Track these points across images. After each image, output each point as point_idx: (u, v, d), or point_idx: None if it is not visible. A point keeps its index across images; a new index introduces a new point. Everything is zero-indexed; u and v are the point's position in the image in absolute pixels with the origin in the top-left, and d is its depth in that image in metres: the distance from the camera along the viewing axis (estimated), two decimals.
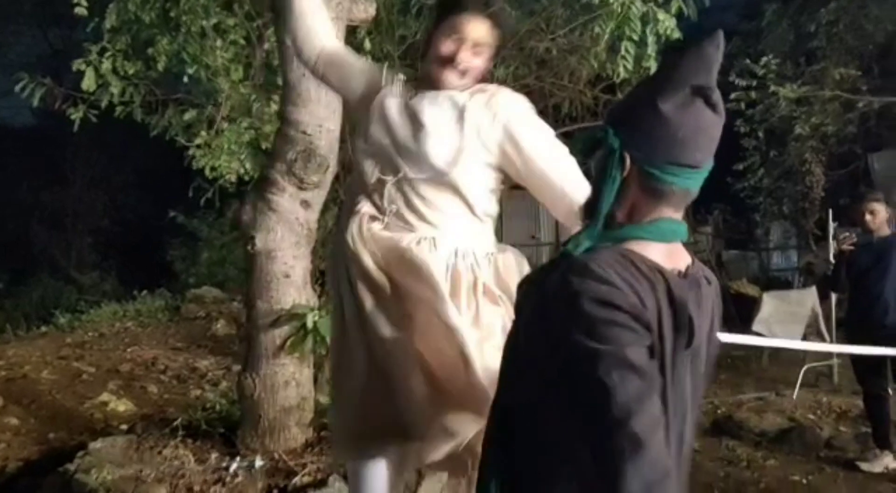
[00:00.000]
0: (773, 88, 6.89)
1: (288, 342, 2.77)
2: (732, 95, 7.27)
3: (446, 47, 1.71)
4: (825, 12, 6.99)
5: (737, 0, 10.19)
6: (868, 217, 3.85)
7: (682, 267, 1.06)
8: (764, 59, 6.79)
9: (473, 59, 1.73)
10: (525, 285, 1.10)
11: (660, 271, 1.00)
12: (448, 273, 1.70)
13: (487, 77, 1.84)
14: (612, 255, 0.99)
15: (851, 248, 3.90)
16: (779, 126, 7.89)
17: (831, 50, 7.43)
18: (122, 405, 4.43)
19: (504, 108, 1.75)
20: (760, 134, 8.04)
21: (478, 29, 1.71)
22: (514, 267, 1.82)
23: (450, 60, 1.70)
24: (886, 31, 7.46)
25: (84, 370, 5.24)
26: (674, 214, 1.06)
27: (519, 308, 1.10)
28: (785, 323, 6.08)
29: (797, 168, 8.69)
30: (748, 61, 6.97)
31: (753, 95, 7.15)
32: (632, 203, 1.06)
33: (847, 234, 4.02)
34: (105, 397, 4.54)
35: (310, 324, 2.72)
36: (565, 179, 1.74)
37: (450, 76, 1.72)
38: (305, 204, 2.98)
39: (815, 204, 9.17)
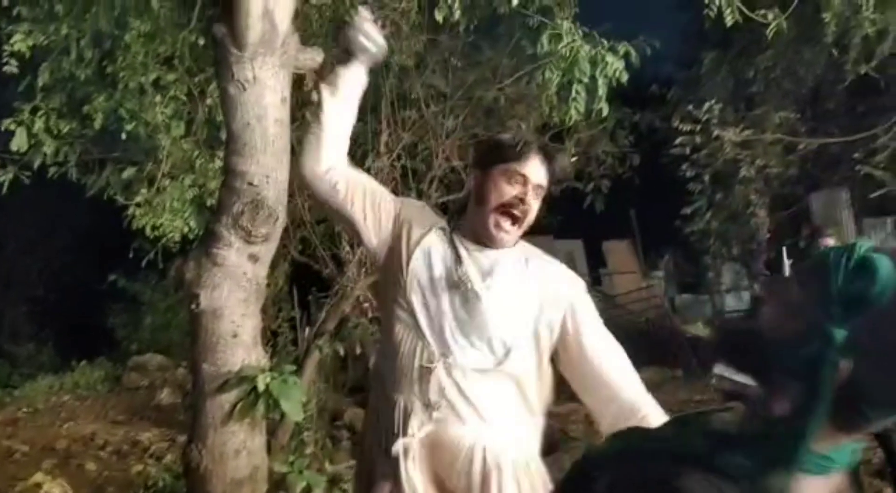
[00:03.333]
0: (716, 132, 7.05)
1: (237, 408, 2.56)
2: (677, 140, 7.41)
3: (512, 191, 1.61)
4: (762, 58, 7.24)
5: (672, 50, 10.56)
6: None
7: None
8: (707, 104, 6.96)
9: (535, 203, 1.64)
10: None
11: None
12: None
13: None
14: None
15: None
16: (723, 170, 8.06)
17: (769, 95, 7.67)
18: (57, 487, 4.10)
19: (569, 286, 1.67)
20: (706, 178, 8.18)
21: (540, 171, 1.63)
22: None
23: (515, 204, 1.60)
24: (816, 75, 7.76)
25: (16, 449, 4.87)
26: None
27: None
28: None
29: (742, 211, 8.86)
30: (691, 107, 7.13)
31: (698, 139, 7.29)
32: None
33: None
34: (39, 477, 4.20)
35: (261, 387, 2.52)
36: (621, 378, 1.60)
37: (507, 224, 1.61)
38: (254, 258, 2.80)
39: (762, 245, 9.35)
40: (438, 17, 4.00)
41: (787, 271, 5.56)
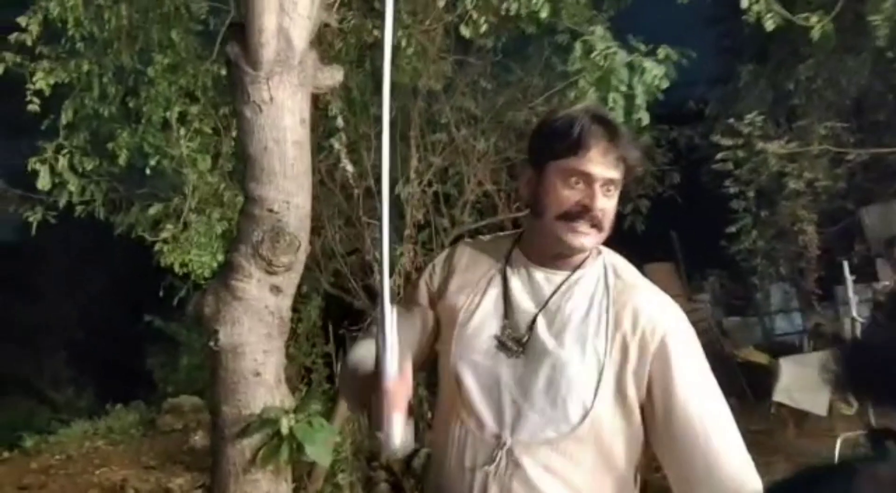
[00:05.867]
0: (760, 145, 6.75)
1: (259, 454, 2.35)
2: (719, 156, 7.13)
3: (574, 196, 1.26)
4: (803, 68, 6.94)
5: (706, 67, 10.25)
6: None
7: None
8: (748, 116, 6.68)
9: (608, 203, 1.29)
10: None
11: None
12: None
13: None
14: None
15: None
16: (767, 185, 7.73)
17: (812, 106, 7.36)
18: None
19: (661, 316, 1.26)
20: (750, 194, 7.86)
21: (607, 164, 1.27)
22: None
23: (583, 212, 1.26)
24: (859, 84, 7.44)
25: None
26: None
27: None
28: (807, 390, 5.64)
29: (789, 227, 8.49)
30: (732, 120, 6.85)
31: (740, 154, 7.00)
32: None
33: (887, 283, 3.68)
34: None
35: (285, 430, 2.31)
36: (721, 446, 1.20)
37: (581, 236, 1.26)
38: (276, 290, 2.62)
39: (812, 263, 8.93)
40: (465, 33, 3.85)
41: (850, 287, 5.19)
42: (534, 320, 1.27)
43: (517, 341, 1.26)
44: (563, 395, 1.21)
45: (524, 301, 1.30)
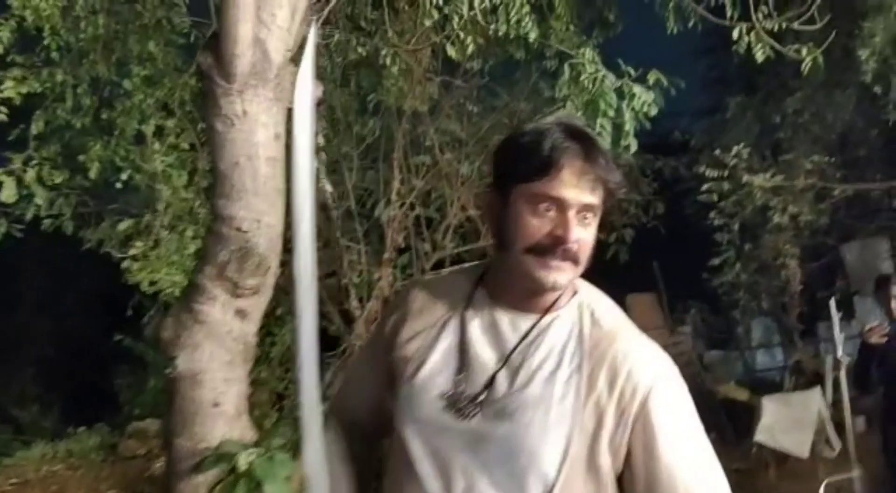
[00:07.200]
0: (745, 178, 6.73)
1: (214, 491, 2.19)
2: (704, 187, 7.10)
3: (544, 226, 1.05)
4: (790, 101, 6.95)
5: (693, 99, 10.30)
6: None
7: None
8: (735, 148, 6.67)
9: (585, 233, 1.07)
10: None
11: None
12: None
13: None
14: None
15: (882, 340, 3.45)
16: (752, 219, 7.71)
17: (798, 140, 7.37)
18: None
19: (644, 373, 1.07)
20: (734, 227, 7.83)
21: (583, 187, 1.05)
22: None
23: (555, 244, 1.05)
24: (845, 119, 7.48)
25: None
26: None
27: None
28: (790, 431, 5.52)
29: (772, 262, 8.47)
30: (718, 152, 6.83)
31: (725, 186, 6.98)
32: None
33: (876, 323, 3.57)
34: None
35: (242, 466, 2.15)
36: None
37: (554, 272, 1.05)
38: (241, 314, 2.48)
39: (795, 299, 8.91)
40: (452, 53, 3.76)
41: (836, 326, 5.08)
42: (493, 377, 1.08)
43: (471, 400, 1.06)
44: (522, 466, 1.03)
45: (484, 352, 1.10)
